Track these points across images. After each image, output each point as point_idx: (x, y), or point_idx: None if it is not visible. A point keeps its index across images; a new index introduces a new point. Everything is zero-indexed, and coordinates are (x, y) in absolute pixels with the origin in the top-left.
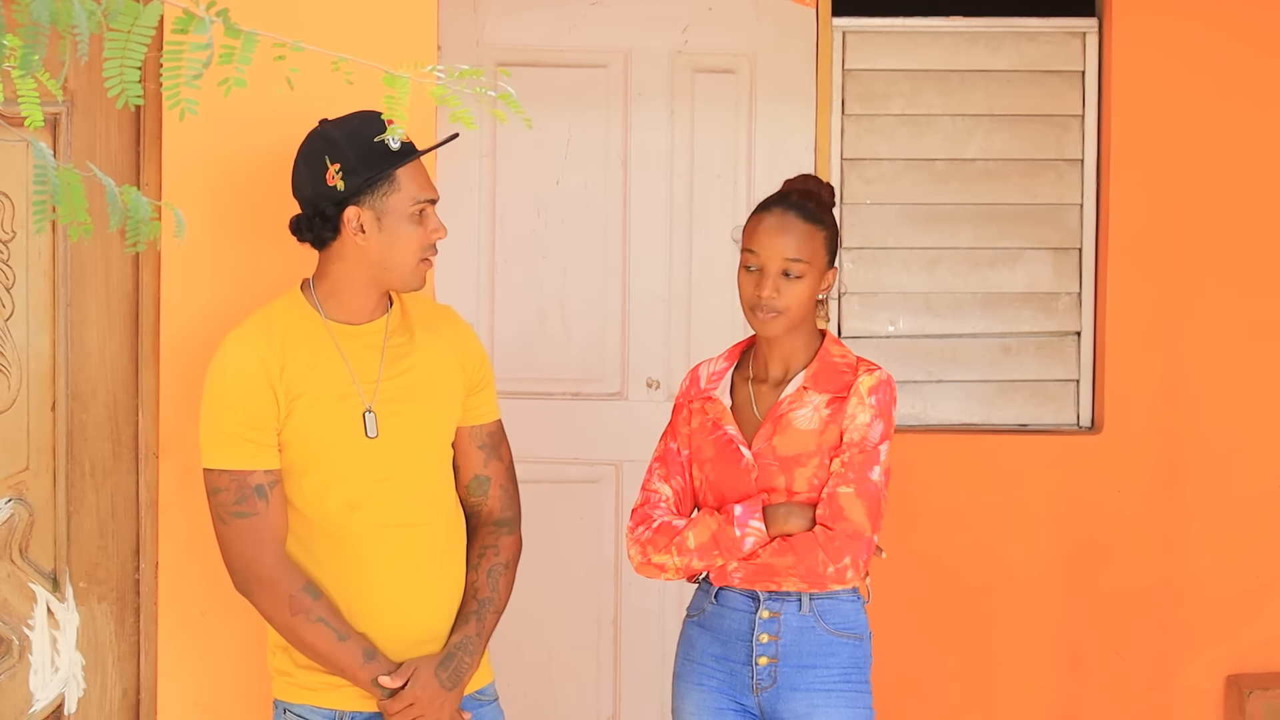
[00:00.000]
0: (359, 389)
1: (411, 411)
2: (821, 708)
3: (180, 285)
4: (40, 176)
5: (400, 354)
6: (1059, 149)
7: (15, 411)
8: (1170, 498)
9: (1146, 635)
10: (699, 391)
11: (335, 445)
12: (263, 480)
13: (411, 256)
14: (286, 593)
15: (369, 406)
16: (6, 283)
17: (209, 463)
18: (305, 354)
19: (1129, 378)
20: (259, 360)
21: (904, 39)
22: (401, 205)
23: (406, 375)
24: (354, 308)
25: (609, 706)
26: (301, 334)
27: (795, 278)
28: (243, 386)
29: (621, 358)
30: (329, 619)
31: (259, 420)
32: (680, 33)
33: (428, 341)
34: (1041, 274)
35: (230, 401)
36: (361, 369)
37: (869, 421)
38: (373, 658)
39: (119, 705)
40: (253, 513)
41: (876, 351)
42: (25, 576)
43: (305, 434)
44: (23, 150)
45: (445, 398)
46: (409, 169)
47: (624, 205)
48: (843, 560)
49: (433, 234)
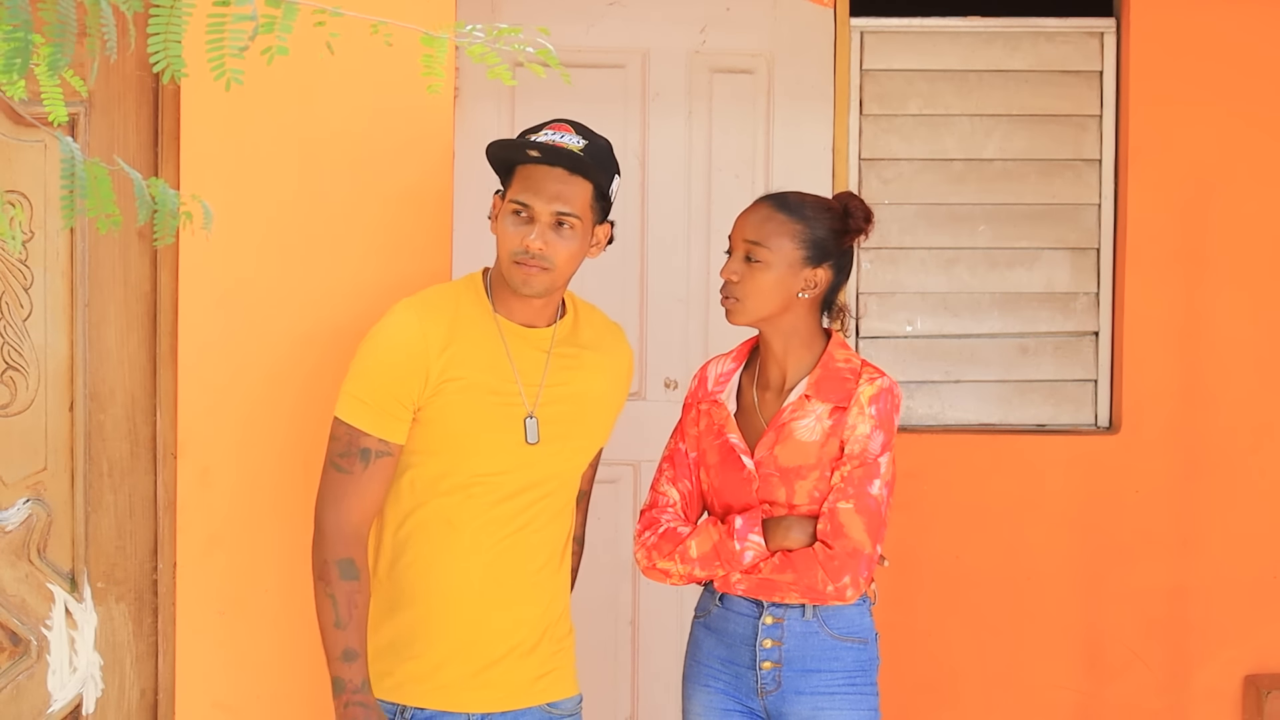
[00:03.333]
0: (521, 390)
1: (569, 426)
2: (826, 711)
3: (198, 285)
4: (68, 171)
5: (566, 365)
6: (1077, 149)
7: (33, 412)
8: (1188, 498)
9: (1164, 635)
10: (706, 394)
11: (489, 439)
12: (373, 446)
13: (505, 254)
14: (324, 556)
15: (531, 411)
16: (25, 283)
17: (338, 410)
18: (471, 339)
19: (1147, 378)
20: (422, 333)
21: (922, 39)
22: (507, 200)
23: (568, 387)
24: (511, 304)
25: (627, 706)
26: (472, 318)
27: (755, 262)
28: (395, 354)
29: (639, 358)
30: (340, 600)
31: (398, 392)
32: (698, 33)
33: (594, 361)
34: (1059, 274)
35: (378, 364)
36: (525, 370)
37: (869, 433)
38: (351, 659)
39: (137, 705)
40: (349, 470)
41: (894, 352)
42: (43, 577)
43: (450, 417)
44: (39, 151)
45: (600, 419)
46: (526, 168)
47: (641, 205)
48: (842, 579)
49: (522, 240)
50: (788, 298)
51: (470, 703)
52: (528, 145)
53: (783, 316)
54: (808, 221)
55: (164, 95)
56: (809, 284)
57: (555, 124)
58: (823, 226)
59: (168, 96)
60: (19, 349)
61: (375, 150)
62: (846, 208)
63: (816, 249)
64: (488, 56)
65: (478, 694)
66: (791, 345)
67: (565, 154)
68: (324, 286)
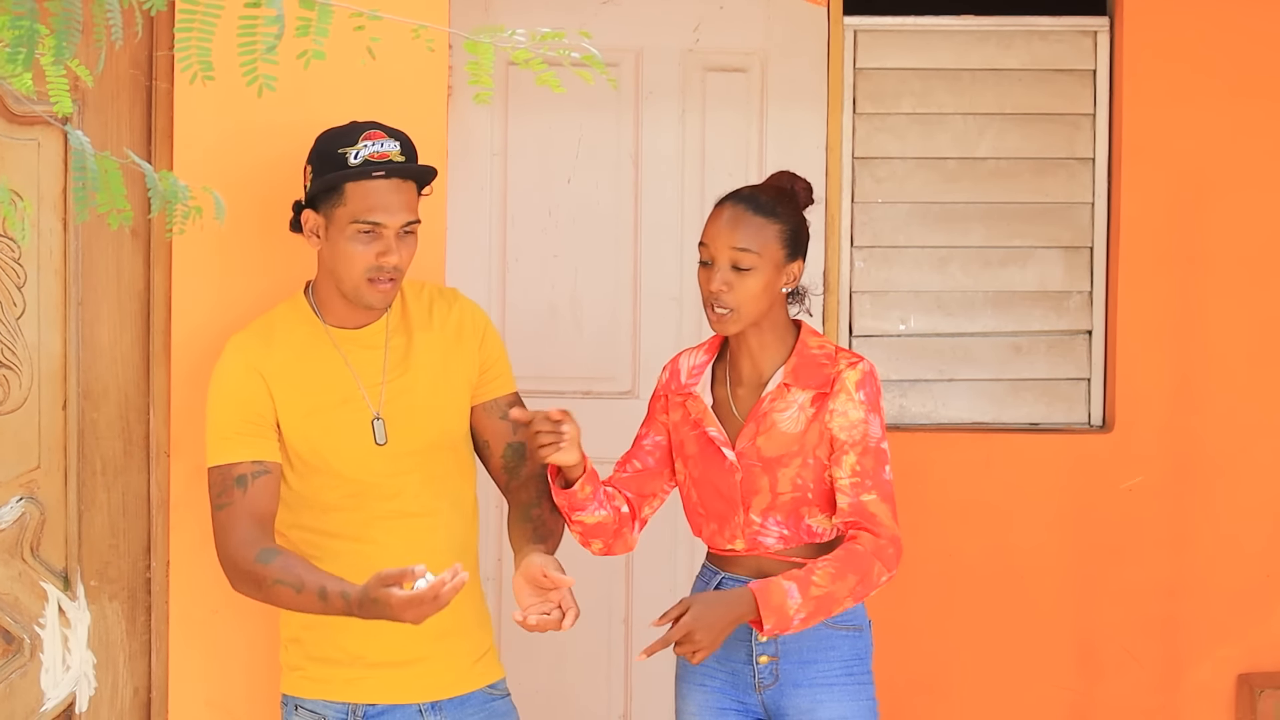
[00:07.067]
0: (364, 394)
1: (418, 412)
2: (825, 702)
3: (191, 284)
4: (78, 164)
5: (401, 355)
6: (1070, 148)
7: (26, 410)
8: (1181, 497)
9: (1157, 634)
10: (679, 386)
11: (343, 451)
12: (246, 470)
13: (355, 273)
14: (248, 570)
15: (376, 413)
16: (18, 281)
17: (208, 462)
18: (305, 361)
19: (1140, 377)
20: (253, 367)
21: (915, 38)
22: (342, 219)
23: (408, 375)
24: (342, 313)
25: (620, 704)
26: (303, 340)
27: (745, 270)
28: (236, 385)
29: (633, 356)
30: (283, 578)
31: (251, 414)
32: (691, 32)
33: (426, 339)
34: (1053, 273)
35: (224, 399)
36: (365, 373)
37: (864, 417)
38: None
39: (130, 704)
40: (228, 503)
41: (887, 350)
42: (36, 575)
43: (308, 440)
44: (33, 149)
45: (449, 391)
46: (362, 186)
47: (635, 204)
48: (894, 567)
49: (377, 257)
50: (773, 296)
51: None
52: (372, 166)
53: (767, 314)
54: (781, 218)
55: (158, 94)
56: (790, 278)
57: (371, 132)
58: (792, 219)
59: (161, 95)
60: (12, 347)
61: None
62: (793, 189)
63: (793, 242)
64: (533, 63)
65: (422, 683)
66: (767, 339)
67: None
68: None
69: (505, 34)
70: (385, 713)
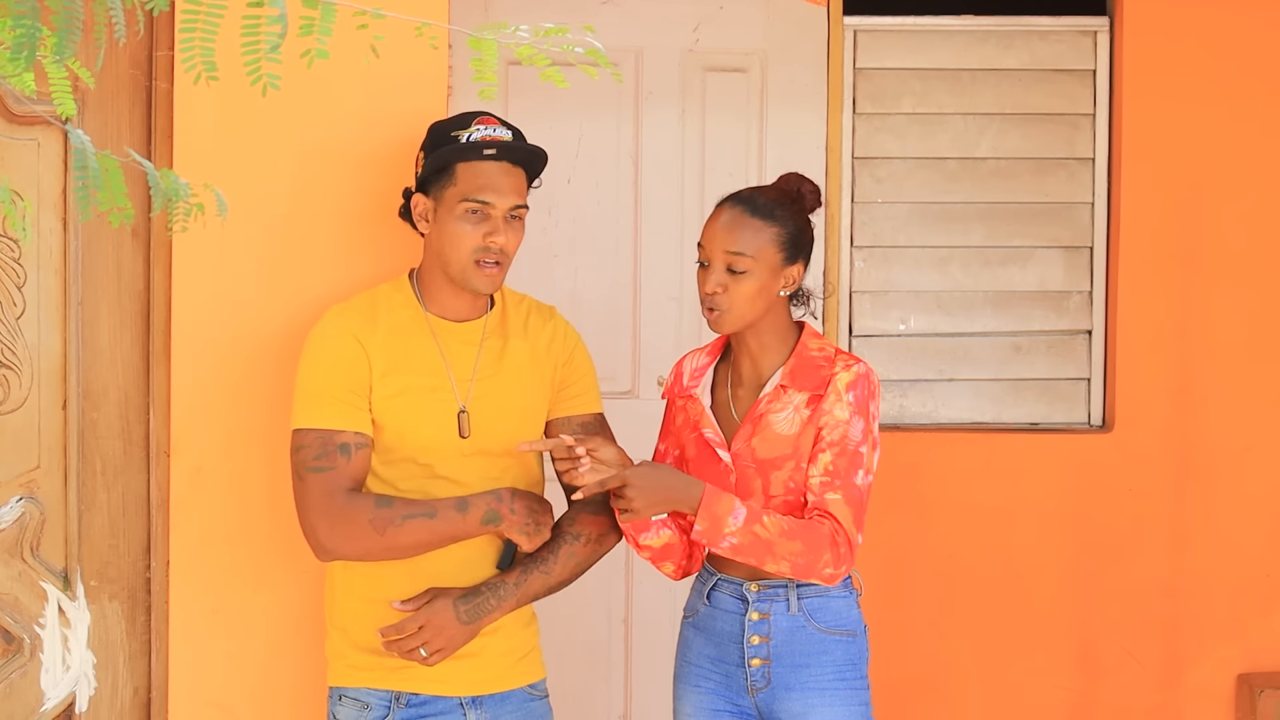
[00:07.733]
0: (454, 386)
1: (502, 413)
2: (817, 707)
3: (191, 283)
4: (80, 163)
5: (495, 356)
6: (1070, 148)
7: (26, 410)
8: (1181, 496)
9: (1157, 634)
10: (682, 389)
11: (424, 435)
12: (350, 440)
13: (463, 254)
14: (365, 518)
15: (463, 406)
16: (18, 281)
17: (298, 423)
18: (403, 341)
19: (1140, 377)
20: (355, 335)
21: (915, 38)
22: (452, 199)
23: (498, 377)
24: (445, 301)
25: (620, 705)
26: (404, 321)
27: (739, 273)
28: (339, 350)
29: (633, 356)
30: (413, 510)
31: (353, 384)
32: (691, 32)
33: (519, 347)
34: (1053, 273)
35: (326, 364)
36: (458, 366)
37: (847, 418)
38: (464, 507)
39: (130, 704)
40: (331, 467)
41: (887, 350)
42: (36, 575)
43: (395, 420)
44: (32, 149)
45: (532, 400)
46: (473, 166)
47: (635, 203)
48: (841, 566)
49: (485, 238)
50: (770, 300)
51: (460, 686)
52: (484, 145)
53: (764, 316)
54: (780, 221)
55: (157, 94)
56: (789, 281)
57: (484, 118)
58: (793, 222)
59: (161, 95)
60: (12, 347)
61: (370, 148)
62: (800, 191)
63: (792, 246)
64: (537, 58)
65: (465, 678)
66: (767, 340)
67: (517, 149)
68: (318, 285)
69: (508, 30)
70: (427, 703)
